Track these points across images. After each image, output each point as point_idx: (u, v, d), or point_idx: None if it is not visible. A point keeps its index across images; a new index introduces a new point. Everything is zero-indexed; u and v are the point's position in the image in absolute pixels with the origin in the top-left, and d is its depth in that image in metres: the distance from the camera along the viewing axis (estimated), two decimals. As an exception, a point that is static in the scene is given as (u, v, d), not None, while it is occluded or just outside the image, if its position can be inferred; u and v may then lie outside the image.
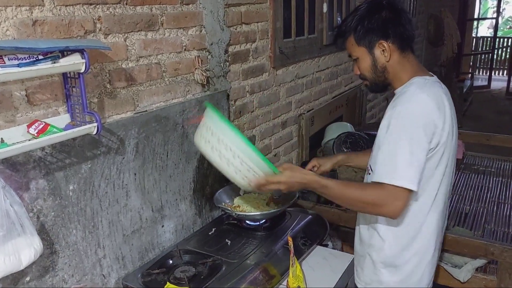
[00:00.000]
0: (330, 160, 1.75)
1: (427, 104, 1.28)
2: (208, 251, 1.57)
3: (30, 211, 1.17)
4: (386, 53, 1.36)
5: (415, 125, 1.25)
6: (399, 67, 1.38)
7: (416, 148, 1.24)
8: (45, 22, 1.16)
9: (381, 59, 1.38)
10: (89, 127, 1.19)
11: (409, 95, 1.30)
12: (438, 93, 1.33)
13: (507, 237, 2.33)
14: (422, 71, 1.41)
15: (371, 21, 1.35)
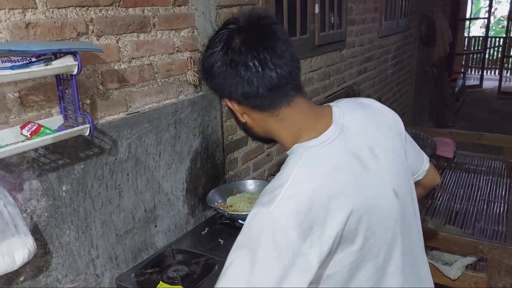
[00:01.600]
0: None
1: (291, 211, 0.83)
2: (201, 251, 1.59)
3: (24, 212, 1.18)
4: (238, 113, 1.00)
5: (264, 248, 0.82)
6: (269, 127, 0.98)
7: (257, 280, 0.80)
8: (38, 24, 1.17)
9: (239, 117, 1.01)
10: (81, 128, 1.20)
11: (273, 187, 0.87)
12: (330, 164, 0.89)
13: (496, 235, 2.37)
14: (306, 129, 0.95)
15: (208, 72, 0.97)
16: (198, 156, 1.80)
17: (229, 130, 2.02)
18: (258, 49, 0.91)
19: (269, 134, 1.01)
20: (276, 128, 0.98)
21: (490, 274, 1.97)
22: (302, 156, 0.89)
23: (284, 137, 0.98)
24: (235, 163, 2.10)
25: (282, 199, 0.83)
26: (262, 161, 2.33)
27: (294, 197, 0.84)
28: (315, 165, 0.89)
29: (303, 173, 0.87)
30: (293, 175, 0.86)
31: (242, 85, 0.93)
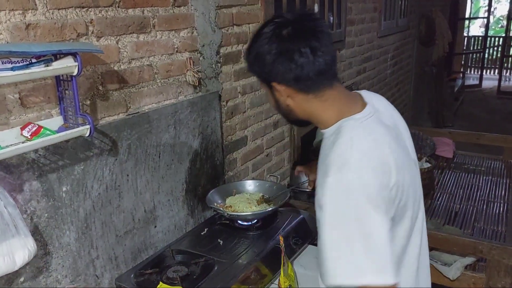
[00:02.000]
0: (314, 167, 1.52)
1: (366, 164, 0.96)
2: (201, 251, 1.59)
3: (24, 213, 1.18)
4: (283, 97, 1.11)
5: (360, 203, 0.93)
6: (310, 108, 1.10)
7: (370, 231, 0.93)
8: (38, 25, 1.17)
9: (281, 100, 1.12)
10: (81, 129, 1.20)
11: (340, 154, 0.98)
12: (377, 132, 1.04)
13: (496, 235, 2.37)
14: (348, 106, 1.09)
15: (261, 59, 1.08)
16: (198, 157, 1.81)
17: (228, 130, 2.02)
18: (310, 39, 1.04)
19: (308, 115, 1.13)
20: (319, 108, 1.10)
21: (489, 274, 1.98)
22: (355, 125, 1.04)
23: (327, 115, 1.10)
24: (234, 163, 2.10)
25: (355, 160, 0.96)
26: (261, 162, 2.33)
27: (365, 157, 0.97)
28: (370, 131, 1.04)
29: (364, 136, 1.02)
30: (355, 141, 1.00)
31: (295, 70, 1.05)
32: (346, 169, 0.95)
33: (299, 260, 1.72)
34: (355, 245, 0.92)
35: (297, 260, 1.71)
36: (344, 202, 0.94)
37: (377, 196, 0.95)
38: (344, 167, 0.95)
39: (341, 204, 0.94)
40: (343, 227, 0.93)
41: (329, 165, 0.98)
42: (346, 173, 0.95)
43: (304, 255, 1.75)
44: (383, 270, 0.92)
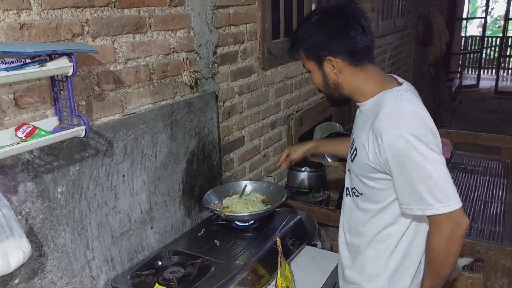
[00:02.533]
0: (301, 148, 1.78)
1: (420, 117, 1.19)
2: (197, 252, 1.58)
3: (19, 214, 1.17)
4: (335, 70, 1.27)
5: (428, 144, 1.15)
6: (355, 82, 1.28)
7: (437, 166, 1.15)
8: (33, 25, 1.16)
9: (331, 75, 1.28)
10: (77, 130, 1.19)
11: (390, 116, 1.19)
12: (417, 101, 1.26)
13: (493, 235, 2.37)
14: (387, 82, 1.29)
15: (318, 35, 1.25)
16: (195, 157, 1.80)
17: (225, 131, 2.01)
18: (360, 18, 1.25)
19: (353, 88, 1.30)
20: (363, 80, 1.28)
21: (487, 274, 1.97)
22: (399, 94, 1.23)
23: (369, 87, 1.28)
24: (231, 164, 2.10)
25: (407, 117, 1.16)
26: (258, 162, 2.33)
27: (414, 115, 1.18)
28: (412, 99, 1.23)
29: (409, 102, 1.21)
30: (401, 104, 1.19)
31: (351, 43, 1.23)
32: (399, 127, 1.15)
33: (296, 261, 1.71)
34: (425, 183, 1.14)
35: (294, 261, 1.71)
36: (407, 152, 1.14)
37: (430, 141, 1.15)
38: (398, 126, 1.15)
39: (406, 155, 1.15)
40: (413, 171, 1.15)
41: (381, 127, 1.18)
42: (400, 130, 1.15)
43: (301, 255, 1.75)
44: (450, 198, 1.14)
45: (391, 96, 1.24)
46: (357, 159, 1.31)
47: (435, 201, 1.15)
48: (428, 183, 1.15)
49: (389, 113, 1.19)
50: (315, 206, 2.34)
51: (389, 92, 1.26)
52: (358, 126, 1.34)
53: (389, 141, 1.16)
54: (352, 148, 1.36)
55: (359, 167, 1.31)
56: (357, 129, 1.34)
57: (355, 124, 1.39)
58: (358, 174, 1.33)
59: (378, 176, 1.26)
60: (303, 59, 1.34)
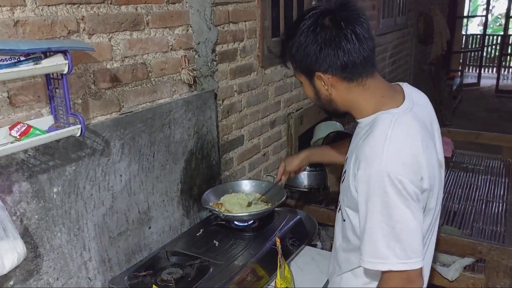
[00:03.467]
0: (295, 159, 1.73)
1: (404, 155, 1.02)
2: (196, 253, 1.56)
3: (13, 215, 1.15)
4: (326, 86, 1.11)
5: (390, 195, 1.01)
6: (351, 97, 1.13)
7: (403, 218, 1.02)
8: (27, 22, 1.14)
9: (322, 90, 1.13)
10: (72, 129, 1.17)
11: (373, 147, 1.04)
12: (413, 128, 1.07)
13: (495, 235, 2.34)
14: (387, 99, 1.12)
15: (306, 48, 1.08)
16: (193, 157, 1.78)
17: (224, 129, 1.99)
18: (354, 25, 1.06)
19: (348, 105, 1.15)
20: (360, 97, 1.13)
21: (489, 275, 1.95)
22: (392, 120, 1.06)
23: (366, 104, 1.13)
24: (230, 163, 2.07)
25: (387, 155, 1.01)
26: (257, 161, 2.31)
27: (398, 152, 1.02)
28: (406, 127, 1.06)
29: (399, 132, 1.04)
30: (390, 135, 1.03)
31: (343, 57, 1.06)
32: (377, 163, 1.01)
33: (296, 261, 1.69)
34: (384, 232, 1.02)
35: (294, 261, 1.69)
36: (376, 193, 1.01)
37: (406, 189, 1.00)
38: (375, 161, 1.02)
39: (374, 195, 1.02)
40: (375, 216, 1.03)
41: (362, 156, 1.05)
42: (378, 168, 1.01)
43: (301, 256, 1.73)
44: (409, 256, 1.02)
45: (383, 120, 1.08)
46: (344, 184, 1.19)
47: (392, 254, 1.02)
48: (388, 233, 1.02)
49: (373, 143, 1.04)
50: (315, 206, 2.32)
51: (384, 114, 1.09)
52: (352, 144, 1.20)
53: (363, 176, 1.04)
54: (343, 169, 1.23)
55: (344, 193, 1.19)
56: (350, 148, 1.21)
57: (352, 141, 1.23)
58: (343, 200, 1.21)
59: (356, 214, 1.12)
60: (294, 70, 1.20)
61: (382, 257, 1.03)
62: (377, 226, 1.03)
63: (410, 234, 1.02)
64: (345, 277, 1.28)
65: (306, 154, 1.73)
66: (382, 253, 1.03)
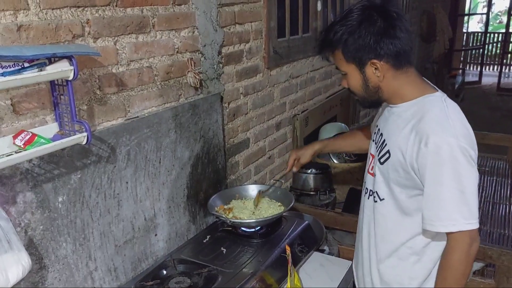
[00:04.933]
0: (308, 151, 1.73)
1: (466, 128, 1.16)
2: (203, 260, 1.53)
3: (18, 226, 1.11)
4: (379, 73, 1.21)
5: (461, 162, 1.11)
6: (396, 84, 1.23)
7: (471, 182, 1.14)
8: (31, 27, 1.10)
9: (373, 78, 1.22)
10: (78, 137, 1.13)
11: (438, 121, 1.14)
12: (459, 108, 1.22)
13: (503, 238, 2.32)
14: (427, 86, 1.25)
15: (362, 36, 1.17)
16: (199, 161, 1.74)
17: (230, 133, 1.96)
18: (402, 17, 1.19)
19: (392, 91, 1.24)
20: (404, 83, 1.23)
21: (499, 280, 1.92)
22: (442, 100, 1.19)
23: (411, 89, 1.23)
24: (236, 166, 2.04)
25: (454, 127, 1.13)
26: (263, 164, 2.27)
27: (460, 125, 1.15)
28: (455, 106, 1.20)
29: (453, 110, 1.18)
30: (448, 112, 1.16)
31: (398, 44, 1.17)
32: (447, 134, 1.12)
33: (304, 268, 1.66)
34: (455, 196, 1.12)
35: (302, 268, 1.66)
36: (448, 162, 1.11)
37: (471, 157, 1.13)
38: (445, 132, 1.12)
39: (446, 164, 1.11)
40: (447, 182, 1.12)
41: (429, 131, 1.14)
42: (448, 138, 1.11)
43: (309, 262, 1.70)
44: (473, 217, 1.13)
45: (435, 100, 1.20)
46: (389, 163, 1.26)
47: (461, 216, 1.13)
48: (458, 197, 1.12)
49: (436, 118, 1.16)
50: (322, 209, 2.28)
51: (431, 97, 1.21)
52: (390, 128, 1.28)
53: (434, 148, 1.12)
54: (381, 150, 1.30)
55: (391, 172, 1.27)
56: (389, 131, 1.28)
57: (384, 126, 1.32)
58: (387, 179, 1.28)
59: (409, 184, 1.22)
60: (339, 61, 1.24)
61: (453, 219, 1.13)
62: (449, 192, 1.12)
63: (474, 197, 1.14)
64: (388, 265, 1.34)
65: (319, 146, 1.74)
66: (453, 216, 1.13)
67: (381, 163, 1.30)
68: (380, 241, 1.35)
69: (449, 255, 1.18)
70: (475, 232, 1.15)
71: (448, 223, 1.14)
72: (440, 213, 1.15)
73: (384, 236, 1.35)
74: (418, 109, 1.20)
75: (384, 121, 1.33)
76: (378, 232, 1.36)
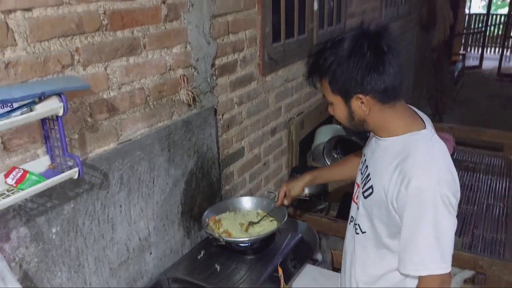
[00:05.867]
0: (299, 183, 1.72)
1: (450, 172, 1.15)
2: (198, 279, 1.55)
3: (12, 261, 1.13)
4: (364, 107, 1.17)
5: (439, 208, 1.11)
6: (382, 119, 1.20)
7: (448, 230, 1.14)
8: (19, 62, 1.09)
9: (358, 111, 1.19)
10: (70, 173, 1.14)
11: (421, 164, 1.13)
12: (445, 147, 1.20)
13: (495, 243, 2.35)
14: (414, 121, 1.22)
15: (350, 69, 1.12)
16: (193, 176, 1.75)
17: (224, 144, 1.96)
18: (394, 50, 1.13)
19: (378, 125, 1.22)
20: (391, 118, 1.20)
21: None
22: (429, 140, 1.17)
23: (396, 125, 1.21)
24: (231, 177, 2.05)
25: (438, 172, 1.12)
26: (258, 171, 2.28)
27: (443, 169, 1.13)
28: (441, 146, 1.19)
29: (438, 151, 1.16)
30: (433, 154, 1.14)
31: (387, 80, 1.13)
32: (430, 179, 1.11)
33: (297, 282, 1.69)
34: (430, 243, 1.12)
35: (295, 282, 1.68)
36: (428, 208, 1.11)
37: (451, 204, 1.12)
38: (428, 177, 1.11)
39: (426, 210, 1.11)
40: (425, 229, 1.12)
41: (411, 174, 1.12)
42: (430, 184, 1.10)
43: (302, 276, 1.73)
44: (445, 261, 1.14)
45: (421, 140, 1.18)
46: (372, 199, 1.26)
47: (433, 261, 1.14)
48: (433, 243, 1.12)
49: (421, 160, 1.14)
50: (316, 216, 2.31)
51: (418, 135, 1.19)
52: (376, 162, 1.26)
53: (415, 192, 1.11)
54: (366, 184, 1.29)
55: (372, 207, 1.26)
56: (375, 165, 1.27)
57: (371, 157, 1.30)
58: (370, 214, 1.28)
59: (390, 222, 1.21)
60: (326, 90, 1.21)
61: (425, 264, 1.15)
62: (424, 238, 1.13)
63: (449, 244, 1.14)
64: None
65: (310, 178, 1.71)
66: (425, 260, 1.14)
67: (364, 197, 1.29)
68: (360, 271, 1.35)
69: None
70: (446, 276, 1.15)
71: (419, 267, 1.16)
72: (413, 258, 1.16)
73: (364, 268, 1.34)
74: (404, 147, 1.18)
75: (371, 152, 1.32)
76: (358, 262, 1.36)
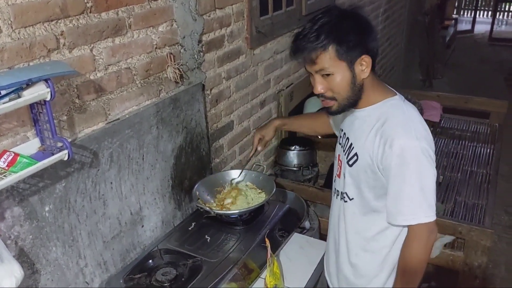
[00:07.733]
0: (270, 127, 1.80)
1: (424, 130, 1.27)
2: (189, 250, 1.62)
3: (8, 239, 1.18)
4: (366, 69, 1.26)
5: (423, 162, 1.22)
6: (370, 84, 1.31)
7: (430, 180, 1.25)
8: (4, 49, 1.11)
9: (360, 75, 1.27)
10: (60, 155, 1.17)
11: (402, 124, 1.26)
12: (415, 109, 1.33)
13: (476, 209, 2.44)
14: (388, 90, 1.37)
15: (354, 30, 1.23)
16: (183, 151, 1.79)
17: (213, 119, 1.99)
18: None
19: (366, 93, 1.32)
20: (372, 85, 1.32)
21: (467, 253, 2.06)
22: (402, 104, 1.31)
23: (375, 93, 1.32)
24: (220, 150, 2.10)
25: (416, 130, 1.24)
26: (248, 143, 2.32)
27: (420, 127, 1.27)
28: (413, 109, 1.32)
29: (413, 113, 1.30)
30: (409, 115, 1.28)
31: (378, 42, 1.30)
32: (410, 137, 1.23)
33: (284, 250, 1.77)
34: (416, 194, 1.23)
35: (283, 251, 1.76)
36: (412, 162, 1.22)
37: (431, 156, 1.24)
38: (408, 135, 1.23)
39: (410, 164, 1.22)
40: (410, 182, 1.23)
41: (393, 135, 1.24)
42: (411, 141, 1.22)
43: (289, 244, 1.81)
44: (432, 210, 1.25)
45: (396, 104, 1.31)
46: (358, 165, 1.35)
47: (421, 210, 1.25)
48: (419, 194, 1.24)
49: (399, 121, 1.26)
50: (304, 185, 2.38)
51: (392, 100, 1.32)
52: (356, 132, 1.37)
53: (398, 150, 1.22)
54: (349, 153, 1.39)
55: (359, 173, 1.35)
56: (356, 135, 1.37)
57: (350, 128, 1.41)
58: (356, 180, 1.37)
59: (377, 184, 1.32)
60: (329, 60, 1.22)
61: (414, 214, 1.26)
62: (411, 190, 1.24)
63: (432, 193, 1.26)
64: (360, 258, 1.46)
65: (279, 122, 1.82)
66: (414, 211, 1.25)
67: (349, 165, 1.39)
68: (352, 237, 1.45)
69: (410, 245, 1.31)
70: (433, 224, 1.27)
71: (409, 217, 1.27)
72: (403, 209, 1.27)
73: (355, 232, 1.44)
74: (381, 113, 1.30)
75: (349, 125, 1.42)
76: (349, 229, 1.45)
